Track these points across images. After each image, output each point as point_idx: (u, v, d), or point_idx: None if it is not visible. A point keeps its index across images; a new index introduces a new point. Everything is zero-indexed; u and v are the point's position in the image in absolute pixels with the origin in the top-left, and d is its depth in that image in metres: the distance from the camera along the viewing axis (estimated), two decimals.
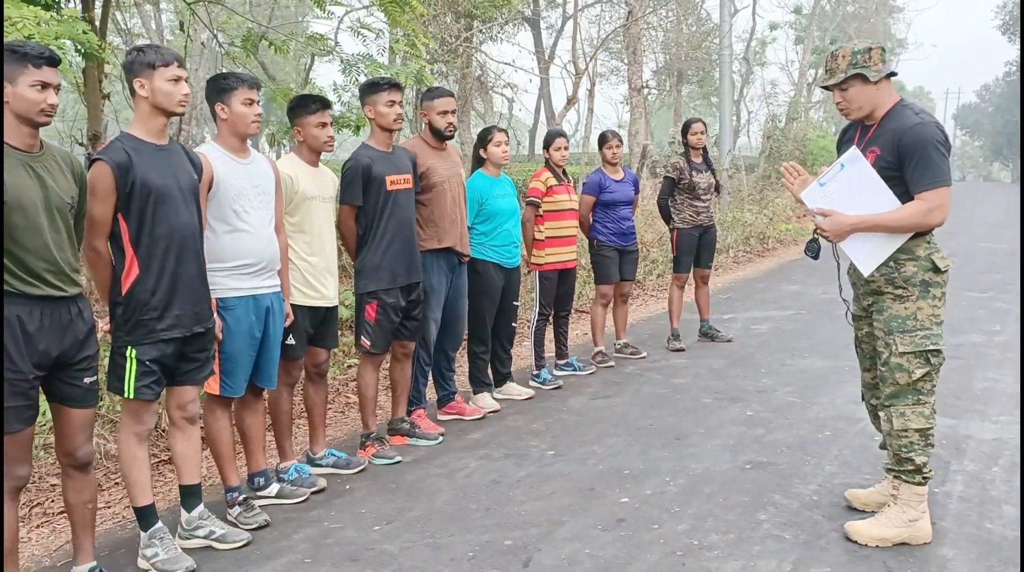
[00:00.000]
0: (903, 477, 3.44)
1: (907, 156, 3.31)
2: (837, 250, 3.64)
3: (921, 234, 3.38)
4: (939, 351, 3.38)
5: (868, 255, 3.39)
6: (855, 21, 30.44)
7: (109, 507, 4.15)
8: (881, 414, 3.48)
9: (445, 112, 5.01)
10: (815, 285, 10.15)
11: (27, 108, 2.86)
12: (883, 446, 3.78)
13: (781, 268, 12.31)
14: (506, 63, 18.84)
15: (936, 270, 3.39)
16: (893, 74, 3.46)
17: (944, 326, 3.44)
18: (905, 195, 3.35)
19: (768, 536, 3.55)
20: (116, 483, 4.34)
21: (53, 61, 2.91)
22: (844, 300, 3.78)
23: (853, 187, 3.40)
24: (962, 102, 64.52)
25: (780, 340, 7.37)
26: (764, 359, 6.69)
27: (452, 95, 5.12)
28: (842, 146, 3.68)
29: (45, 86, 2.88)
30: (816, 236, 3.57)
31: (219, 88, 3.84)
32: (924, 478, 3.43)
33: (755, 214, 15.63)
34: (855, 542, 3.44)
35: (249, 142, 4.04)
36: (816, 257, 3.67)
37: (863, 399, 3.84)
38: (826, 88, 3.52)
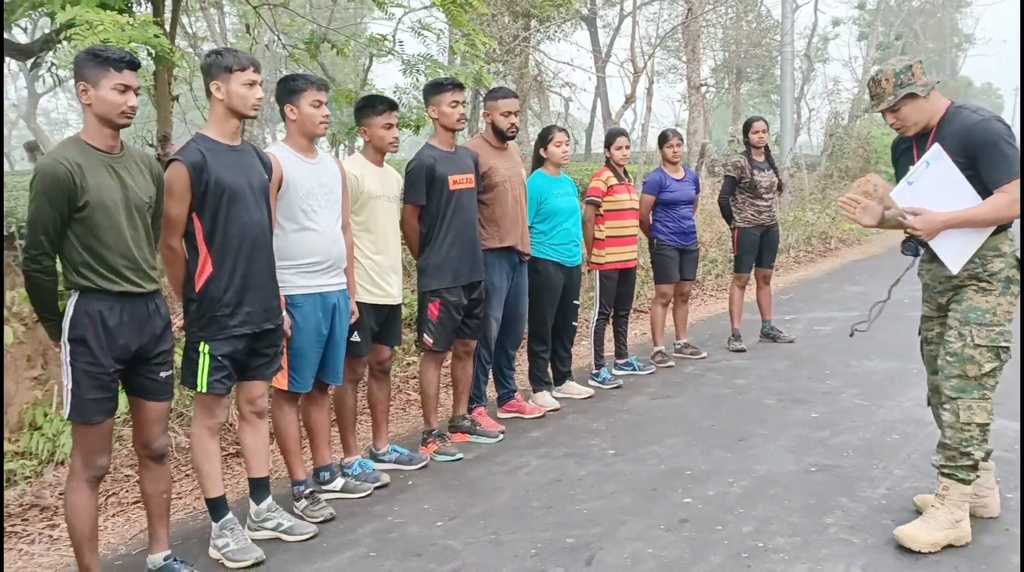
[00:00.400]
0: (957, 475, 3.38)
1: (979, 153, 3.29)
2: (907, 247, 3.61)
3: (1002, 229, 3.36)
4: (1008, 348, 3.35)
5: (957, 251, 3.37)
6: (921, 16, 29.74)
7: (181, 498, 4.27)
8: (946, 407, 3.41)
9: (508, 113, 5.04)
10: (880, 286, 9.85)
11: (109, 110, 2.96)
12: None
13: (844, 268, 12.09)
14: (563, 62, 18.83)
15: (1020, 266, 3.36)
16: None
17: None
18: (981, 187, 3.32)
19: (835, 539, 3.51)
20: (187, 475, 4.46)
21: (134, 65, 3.01)
22: (882, 301, 3.70)
23: (937, 185, 3.37)
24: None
25: (844, 341, 7.23)
26: (828, 360, 6.58)
27: (516, 96, 5.15)
28: (900, 158, 3.67)
29: (126, 89, 2.98)
30: (910, 234, 3.52)
31: (288, 89, 3.91)
32: (974, 476, 3.39)
33: (817, 213, 15.38)
34: (908, 549, 3.37)
35: (317, 142, 4.11)
36: (916, 254, 3.63)
37: (929, 403, 3.76)
38: (878, 111, 3.52)
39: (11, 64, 8.32)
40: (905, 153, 3.61)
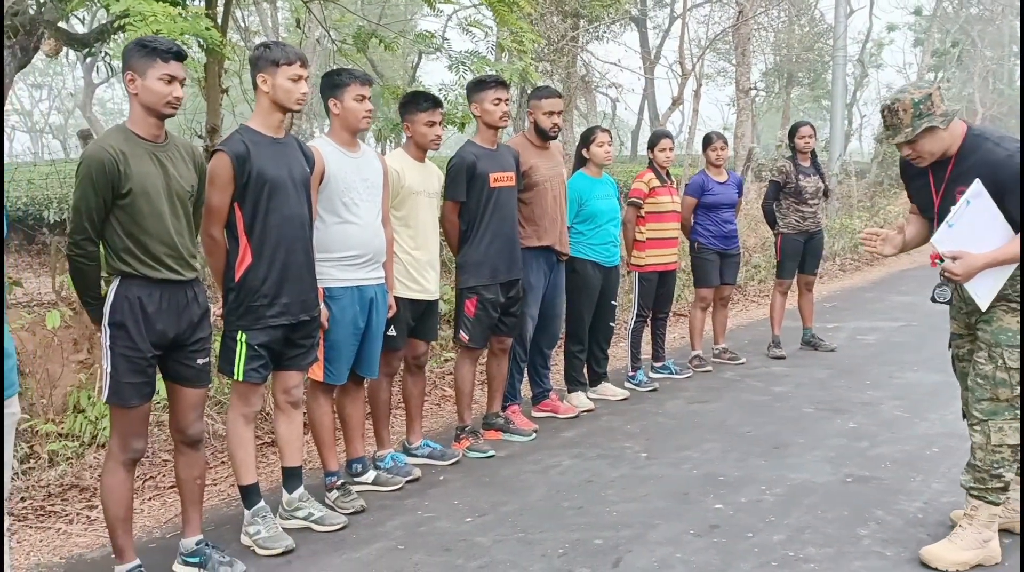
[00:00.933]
0: (987, 497, 3.27)
1: (1007, 192, 3.16)
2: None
3: None
4: None
5: (989, 290, 3.26)
6: (979, 23, 29.08)
7: (215, 484, 4.33)
8: (976, 429, 3.31)
9: (552, 113, 5.03)
10: (928, 296, 9.73)
11: (155, 100, 3.01)
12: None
13: (891, 278, 11.88)
14: (611, 63, 18.71)
15: None
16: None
17: None
18: (1008, 220, 3.21)
19: (869, 552, 3.44)
20: (223, 462, 4.52)
21: (180, 56, 3.06)
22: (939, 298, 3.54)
23: (976, 223, 3.26)
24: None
25: (888, 352, 7.12)
26: (870, 371, 6.47)
27: (560, 96, 5.15)
28: (911, 183, 3.53)
29: (172, 79, 3.03)
30: (944, 278, 3.37)
31: (332, 84, 3.95)
32: (1005, 497, 3.29)
33: (865, 221, 15.13)
34: (935, 569, 3.28)
35: (359, 137, 4.14)
36: (949, 302, 3.46)
37: (964, 417, 3.68)
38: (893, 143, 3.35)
39: (69, 54, 8.49)
40: (917, 178, 3.47)
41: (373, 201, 4.02)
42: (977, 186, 3.25)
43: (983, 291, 3.25)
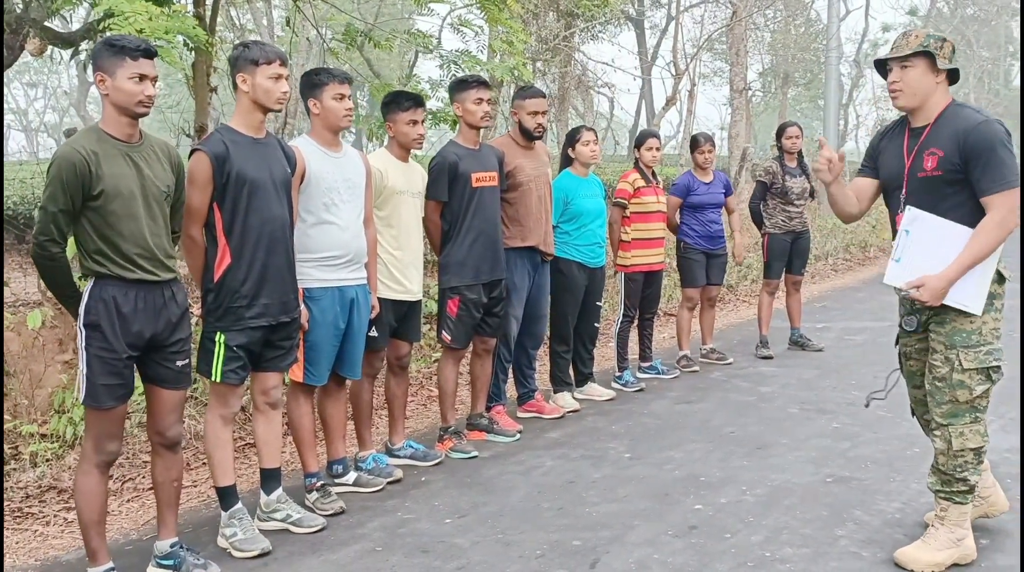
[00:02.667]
0: (954, 499, 3.27)
1: (973, 157, 3.12)
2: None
3: None
4: (999, 367, 3.20)
5: (973, 295, 3.19)
6: (975, 24, 29.12)
7: (196, 486, 4.33)
8: (936, 433, 3.29)
9: (536, 113, 5.03)
10: None
11: (126, 99, 2.99)
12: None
13: (882, 278, 11.85)
14: (604, 63, 18.71)
15: (1001, 280, 3.22)
16: (955, 78, 3.30)
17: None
18: (971, 200, 3.18)
19: (845, 552, 3.44)
20: (204, 463, 4.50)
21: (150, 53, 3.02)
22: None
23: (924, 244, 3.23)
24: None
25: (876, 352, 7.11)
26: (857, 371, 6.47)
27: (544, 96, 5.14)
28: (881, 152, 3.47)
29: (143, 78, 3.00)
30: (909, 307, 3.36)
31: (311, 84, 3.94)
32: (971, 498, 3.29)
33: (858, 222, 15.13)
34: (910, 571, 3.26)
35: (342, 136, 4.13)
36: (919, 330, 3.41)
37: (913, 415, 3.67)
38: (883, 67, 3.32)
39: (57, 53, 8.50)
40: (890, 146, 3.42)
41: (355, 201, 4.02)
42: (911, 213, 3.24)
43: (967, 300, 3.19)
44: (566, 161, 5.65)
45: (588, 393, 5.80)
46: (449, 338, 4.71)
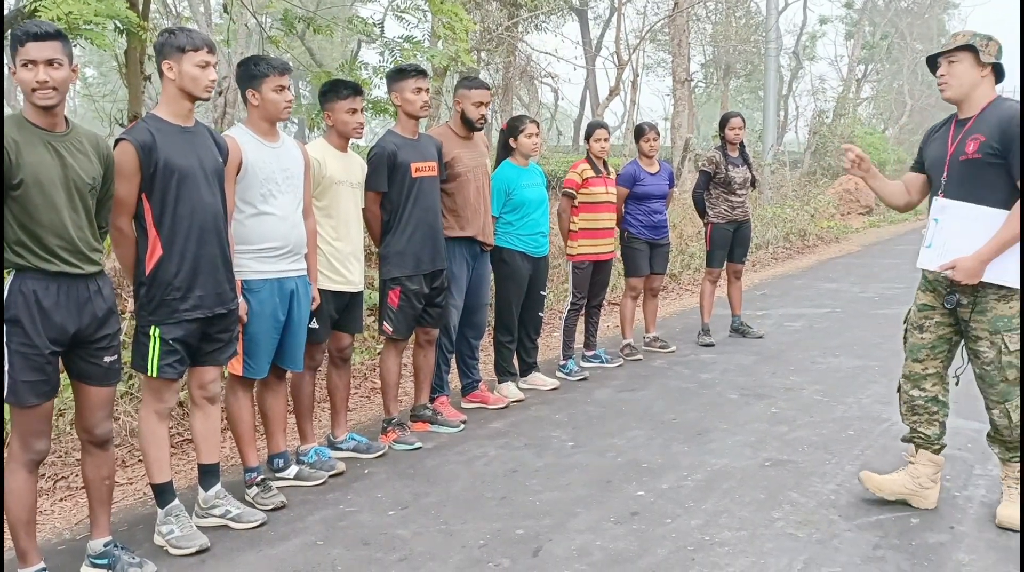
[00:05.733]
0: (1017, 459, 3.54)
1: (1013, 142, 3.35)
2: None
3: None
4: None
5: (1013, 272, 3.39)
6: (908, 16, 29.78)
7: (131, 484, 4.24)
8: (995, 412, 3.52)
9: (480, 103, 5.01)
10: (853, 283, 9.98)
11: (24, 89, 2.89)
12: (906, 439, 3.82)
13: (821, 265, 12.13)
14: (547, 52, 18.71)
15: None
16: (1001, 76, 3.53)
17: None
18: (1008, 184, 3.39)
19: (781, 534, 3.51)
20: (140, 460, 4.41)
21: (38, 37, 2.88)
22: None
23: (957, 230, 3.45)
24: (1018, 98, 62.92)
25: (813, 338, 7.26)
26: (794, 356, 6.60)
27: (488, 88, 5.12)
28: (929, 144, 3.73)
29: (32, 64, 2.87)
30: (952, 290, 3.53)
31: (250, 75, 3.87)
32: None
33: (796, 210, 15.42)
34: (856, 545, 3.40)
35: (280, 126, 4.06)
36: (957, 306, 3.55)
37: (898, 390, 3.80)
38: (934, 64, 3.57)
39: None
40: (936, 141, 3.68)
41: (293, 192, 3.96)
42: (939, 203, 3.47)
43: (1008, 277, 3.39)
44: (505, 151, 5.63)
45: (532, 383, 5.81)
46: (391, 329, 4.68)
